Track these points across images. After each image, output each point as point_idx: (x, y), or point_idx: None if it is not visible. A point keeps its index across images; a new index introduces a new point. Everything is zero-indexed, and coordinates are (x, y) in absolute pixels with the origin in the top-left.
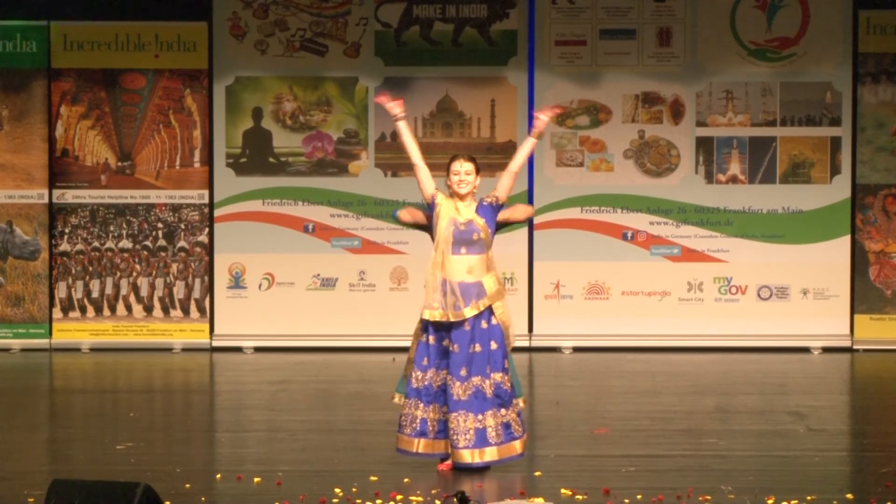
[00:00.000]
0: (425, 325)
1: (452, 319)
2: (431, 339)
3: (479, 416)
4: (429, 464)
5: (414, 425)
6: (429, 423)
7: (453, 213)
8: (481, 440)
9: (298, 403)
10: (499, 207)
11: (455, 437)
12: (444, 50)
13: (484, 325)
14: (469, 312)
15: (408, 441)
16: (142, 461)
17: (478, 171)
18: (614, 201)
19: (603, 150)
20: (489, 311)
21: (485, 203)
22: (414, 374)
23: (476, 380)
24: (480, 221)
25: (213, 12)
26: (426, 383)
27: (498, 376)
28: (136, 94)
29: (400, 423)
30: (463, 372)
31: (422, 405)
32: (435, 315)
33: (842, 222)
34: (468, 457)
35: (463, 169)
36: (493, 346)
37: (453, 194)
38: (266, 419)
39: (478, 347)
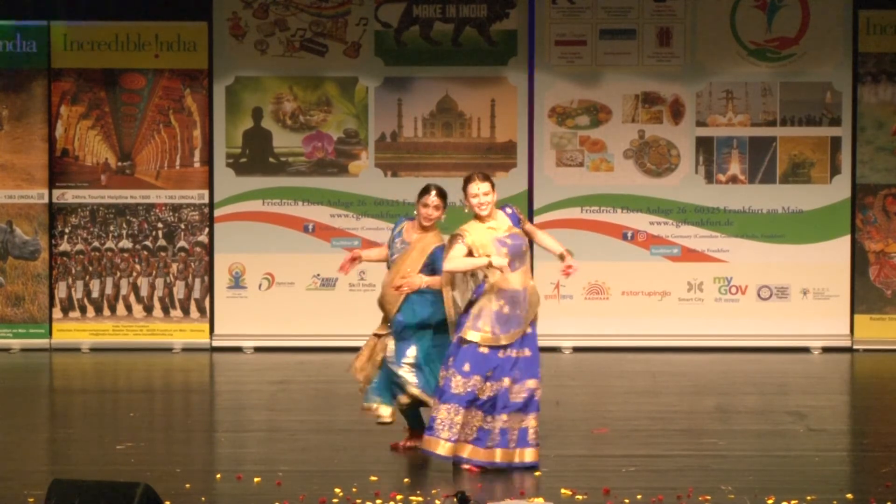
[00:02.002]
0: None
1: (515, 337)
2: (485, 349)
3: (524, 418)
4: (429, 464)
5: (453, 430)
6: (465, 429)
7: (491, 234)
8: (523, 441)
9: (298, 403)
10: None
11: (504, 438)
12: (444, 50)
13: (529, 330)
14: (527, 327)
15: (449, 446)
16: (142, 461)
17: (493, 186)
18: (614, 201)
19: (603, 150)
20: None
21: (517, 217)
22: (454, 380)
23: (531, 383)
24: (520, 231)
25: (213, 12)
26: (470, 389)
27: (534, 382)
28: (136, 94)
29: (435, 426)
30: (516, 375)
31: (462, 410)
32: (488, 340)
33: (842, 222)
34: (514, 457)
35: (481, 191)
36: (536, 351)
37: (476, 216)
38: (266, 419)
39: (527, 352)
